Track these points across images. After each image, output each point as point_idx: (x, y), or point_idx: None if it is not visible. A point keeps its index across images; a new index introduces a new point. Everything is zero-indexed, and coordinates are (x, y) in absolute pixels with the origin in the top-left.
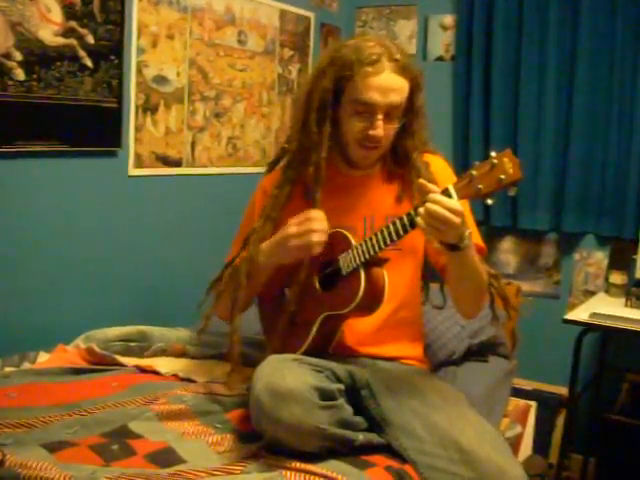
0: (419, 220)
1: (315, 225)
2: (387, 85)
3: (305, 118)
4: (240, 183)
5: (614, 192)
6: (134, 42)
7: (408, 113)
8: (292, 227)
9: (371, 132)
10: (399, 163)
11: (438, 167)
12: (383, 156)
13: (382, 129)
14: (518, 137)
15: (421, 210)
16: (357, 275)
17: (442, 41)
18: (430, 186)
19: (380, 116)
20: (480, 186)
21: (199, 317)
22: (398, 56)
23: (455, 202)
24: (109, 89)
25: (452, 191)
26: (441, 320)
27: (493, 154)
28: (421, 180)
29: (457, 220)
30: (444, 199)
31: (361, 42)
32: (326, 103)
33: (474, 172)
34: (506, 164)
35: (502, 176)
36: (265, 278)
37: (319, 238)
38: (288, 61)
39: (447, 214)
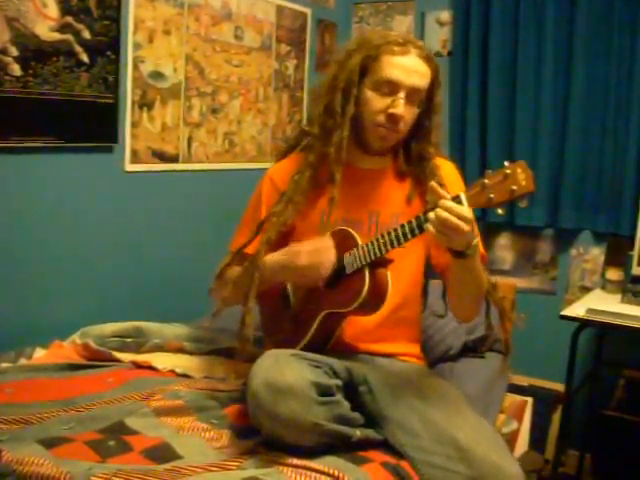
0: (428, 226)
1: (324, 257)
2: (412, 66)
3: (329, 100)
4: (236, 179)
5: (610, 188)
6: (130, 38)
7: (426, 109)
8: (303, 258)
9: (391, 110)
10: (411, 162)
11: (447, 172)
12: (396, 152)
13: (403, 108)
14: (515, 133)
15: (431, 215)
16: (361, 275)
17: (439, 37)
18: (442, 191)
19: (402, 95)
20: (492, 195)
21: (206, 310)
22: (422, 45)
23: (466, 209)
24: (105, 85)
25: (463, 198)
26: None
27: (507, 164)
28: (433, 183)
29: (467, 228)
30: (455, 206)
31: (387, 31)
32: (352, 84)
33: (486, 181)
34: (519, 175)
35: (514, 187)
36: (268, 286)
37: (327, 272)
38: (285, 57)
39: (457, 221)
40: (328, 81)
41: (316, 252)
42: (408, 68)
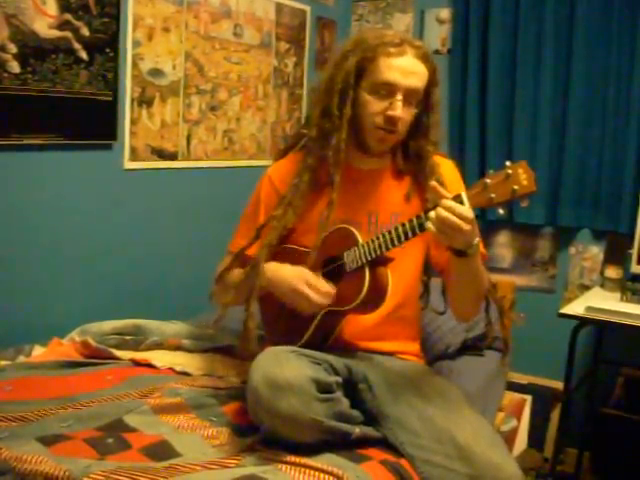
0: (429, 225)
1: (318, 300)
2: (409, 67)
3: (327, 102)
4: (236, 176)
5: (610, 186)
6: (130, 35)
7: (423, 107)
8: (303, 284)
9: (390, 112)
10: (409, 160)
11: (447, 170)
12: (394, 151)
13: (401, 110)
14: (514, 130)
15: (432, 215)
16: (361, 273)
17: (438, 35)
18: (443, 191)
19: (400, 97)
20: (493, 195)
21: (205, 308)
22: (419, 44)
23: (467, 209)
24: (104, 82)
25: (464, 198)
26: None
27: (508, 164)
28: (434, 183)
29: (467, 227)
30: (456, 206)
31: (383, 30)
32: (348, 86)
33: (488, 180)
34: (521, 175)
35: (516, 187)
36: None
37: (313, 310)
38: (284, 54)
39: (458, 221)
40: (325, 83)
41: (316, 291)
42: (405, 69)
